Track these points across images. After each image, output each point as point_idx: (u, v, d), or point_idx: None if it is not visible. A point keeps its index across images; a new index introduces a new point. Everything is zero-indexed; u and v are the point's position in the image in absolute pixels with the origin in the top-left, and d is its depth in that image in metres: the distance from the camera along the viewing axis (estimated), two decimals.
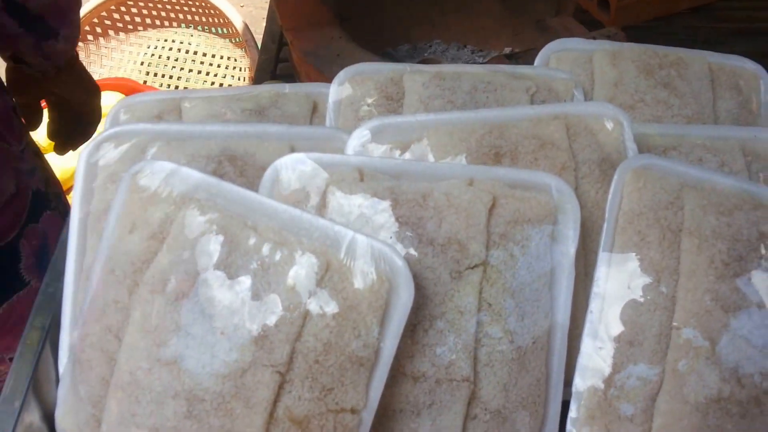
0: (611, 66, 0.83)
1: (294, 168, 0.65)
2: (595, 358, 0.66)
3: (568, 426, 0.66)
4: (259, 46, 1.53)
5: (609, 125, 0.72)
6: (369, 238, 0.59)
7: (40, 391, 0.68)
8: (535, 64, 0.85)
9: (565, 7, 1.32)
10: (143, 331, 0.60)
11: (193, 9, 2.26)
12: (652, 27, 1.57)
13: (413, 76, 0.78)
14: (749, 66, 0.88)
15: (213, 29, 2.30)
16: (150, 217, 0.62)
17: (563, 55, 0.85)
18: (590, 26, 1.30)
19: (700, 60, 0.86)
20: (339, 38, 1.16)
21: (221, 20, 2.22)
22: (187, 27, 2.30)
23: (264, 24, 1.53)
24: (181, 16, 2.25)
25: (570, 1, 1.31)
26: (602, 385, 0.65)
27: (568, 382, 0.68)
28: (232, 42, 2.24)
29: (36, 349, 0.68)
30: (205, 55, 2.23)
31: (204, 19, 2.28)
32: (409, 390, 0.63)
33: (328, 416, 0.58)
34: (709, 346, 0.65)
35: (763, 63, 1.50)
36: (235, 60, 2.23)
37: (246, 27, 2.17)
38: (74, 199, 0.71)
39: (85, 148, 0.71)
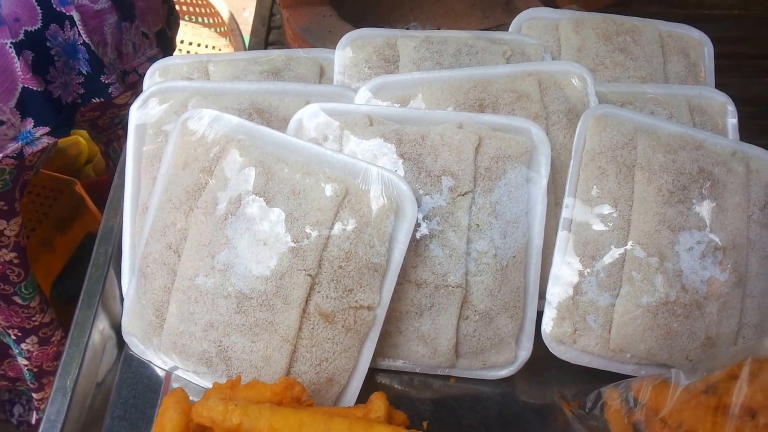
0: (575, 33, 1.02)
1: (314, 116, 0.84)
2: (565, 270, 0.85)
3: (543, 324, 0.85)
4: (247, 33, 1.72)
5: (575, 81, 0.91)
6: (380, 168, 0.77)
7: (108, 306, 0.86)
8: (509, 30, 1.05)
9: None
10: (199, 245, 0.78)
11: (185, 8, 2.45)
12: (608, 11, 1.82)
13: (405, 40, 0.96)
14: (695, 34, 1.07)
15: (199, 19, 2.48)
16: (200, 154, 0.80)
17: (533, 23, 1.04)
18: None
19: (652, 27, 1.05)
20: (330, 16, 1.35)
21: (207, 10, 2.41)
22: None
23: (245, 15, 1.70)
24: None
25: None
26: (571, 291, 0.84)
27: (542, 294, 0.87)
28: (217, 31, 2.42)
29: (102, 272, 0.87)
30: (191, 44, 2.41)
31: (191, 9, 2.46)
32: (414, 294, 0.82)
33: (349, 312, 0.77)
34: (657, 260, 0.84)
35: (717, 47, 1.72)
36: (220, 49, 2.41)
37: (231, 16, 2.35)
38: (128, 146, 0.88)
39: (134, 104, 0.90)
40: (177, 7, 2.43)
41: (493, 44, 0.97)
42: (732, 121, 0.98)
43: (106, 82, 1.20)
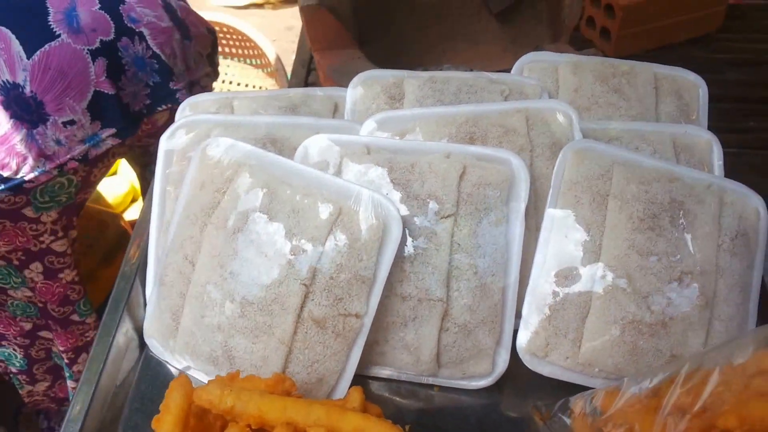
0: (572, 75, 1.14)
1: (318, 145, 0.98)
2: (540, 288, 0.95)
3: (518, 338, 0.95)
4: (289, 73, 1.90)
5: (560, 117, 1.03)
6: (370, 191, 0.90)
7: (133, 311, 1.01)
8: (512, 73, 1.17)
9: (560, 35, 1.64)
10: (210, 256, 0.92)
11: (231, 42, 2.67)
12: (652, 56, 1.74)
13: (411, 80, 1.09)
14: (691, 77, 1.17)
15: (248, 60, 2.71)
16: (215, 176, 0.94)
17: (534, 66, 1.16)
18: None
19: (647, 70, 1.15)
20: (358, 58, 1.49)
21: (255, 52, 2.63)
22: (225, 58, 2.71)
23: (293, 56, 1.88)
24: (219, 48, 2.68)
25: (564, 29, 1.63)
26: (544, 308, 0.94)
27: (519, 314, 0.97)
28: (264, 72, 2.64)
29: (129, 282, 1.02)
30: (239, 84, 2.63)
31: (241, 51, 2.68)
32: (399, 306, 0.93)
33: (339, 318, 0.90)
34: (626, 281, 0.94)
35: (758, 91, 1.81)
36: (267, 88, 2.63)
37: (278, 58, 2.57)
38: (157, 170, 1.03)
39: (164, 134, 1.05)
40: (227, 49, 2.67)
41: (493, 84, 1.10)
42: (717, 157, 1.07)
43: (175, 88, 1.39)
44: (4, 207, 1.25)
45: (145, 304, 1.02)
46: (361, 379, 0.96)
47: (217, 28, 2.64)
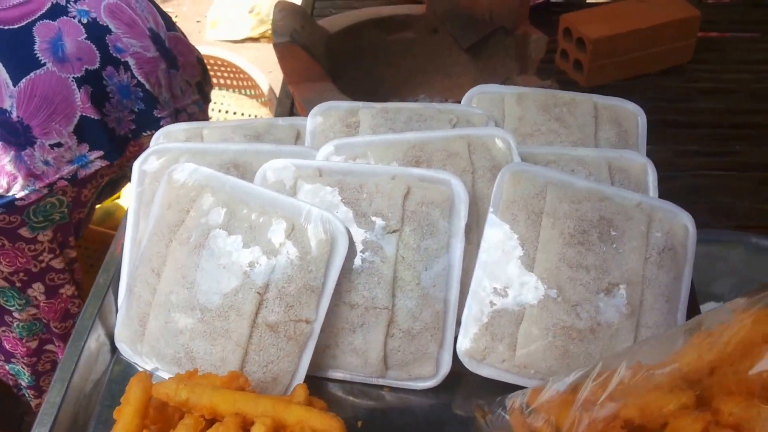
0: (517, 105, 1.24)
1: (275, 168, 1.08)
2: (478, 297, 1.05)
3: (458, 343, 1.05)
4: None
5: (499, 143, 1.13)
6: (320, 209, 1.00)
7: (105, 319, 1.11)
8: (462, 104, 1.27)
9: (528, 68, 1.76)
10: (174, 269, 1.02)
11: (226, 74, 2.83)
12: (625, 86, 1.92)
13: (365, 110, 1.20)
14: (629, 106, 1.28)
15: (243, 91, 2.86)
16: (181, 198, 1.04)
17: (483, 97, 1.27)
18: (564, 85, 1.62)
19: (587, 100, 1.26)
20: (330, 91, 1.61)
21: (249, 83, 2.78)
22: (221, 89, 2.87)
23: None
24: (214, 80, 2.84)
25: (531, 62, 1.75)
26: (482, 316, 1.04)
27: (459, 321, 1.06)
28: (258, 101, 2.78)
29: (102, 292, 1.12)
30: (235, 113, 2.78)
31: (235, 83, 2.83)
32: (347, 314, 1.03)
33: (291, 324, 0.99)
34: (556, 291, 1.03)
35: (728, 118, 1.92)
36: (261, 116, 2.77)
37: (271, 89, 2.72)
38: (132, 192, 1.13)
39: (137, 160, 1.15)
40: (223, 80, 2.82)
41: (441, 113, 1.21)
42: (652, 179, 1.17)
43: (159, 116, 1.50)
44: (0, 224, 1.35)
45: (117, 311, 1.12)
46: (317, 380, 1.06)
47: (212, 61, 2.81)
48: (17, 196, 1.33)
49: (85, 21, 1.39)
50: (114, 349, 1.11)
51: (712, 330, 0.81)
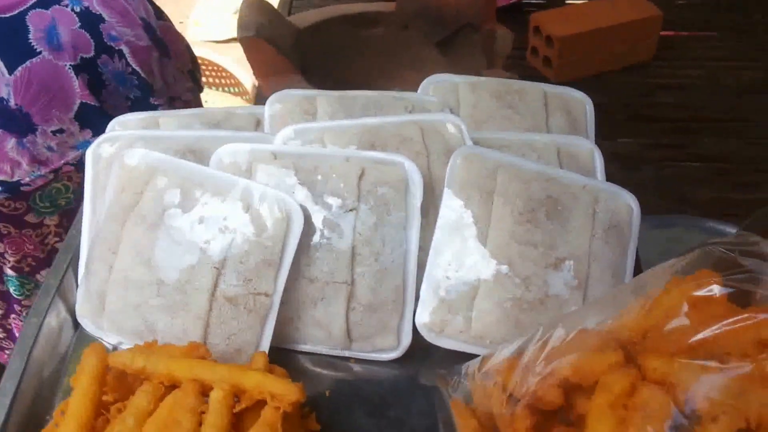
0: (471, 93, 1.28)
1: (230, 152, 1.11)
2: (435, 273, 1.08)
3: (417, 315, 1.09)
4: None
5: (451, 128, 1.17)
6: (273, 190, 1.04)
7: (66, 297, 1.13)
8: (418, 92, 1.30)
9: (495, 62, 1.80)
10: (130, 247, 1.04)
11: (210, 73, 2.88)
12: (592, 82, 1.99)
13: (322, 97, 1.23)
14: (577, 95, 1.33)
15: (226, 89, 2.91)
16: (133, 181, 1.07)
17: (438, 86, 1.31)
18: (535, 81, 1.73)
19: (538, 89, 1.31)
20: (299, 83, 1.65)
21: (232, 81, 2.84)
22: (206, 87, 2.91)
23: None
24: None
25: (498, 57, 1.80)
26: (439, 290, 1.08)
27: (419, 295, 1.10)
28: (243, 99, 2.84)
29: (62, 271, 1.15)
30: None
31: (219, 81, 2.88)
32: (307, 288, 1.06)
33: (250, 297, 1.02)
34: (507, 266, 1.07)
35: (688, 112, 1.99)
36: None
37: (254, 86, 2.77)
38: (86, 178, 1.15)
39: (90, 147, 1.16)
40: (207, 79, 2.87)
41: (397, 101, 1.25)
42: (599, 164, 1.22)
43: (155, 103, 1.51)
44: (5, 211, 1.37)
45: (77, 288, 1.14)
46: (285, 352, 1.09)
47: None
48: (23, 181, 1.35)
49: (78, 10, 1.39)
50: (77, 325, 1.13)
51: (645, 294, 0.85)
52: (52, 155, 1.38)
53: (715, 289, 0.79)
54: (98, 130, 1.36)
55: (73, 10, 1.40)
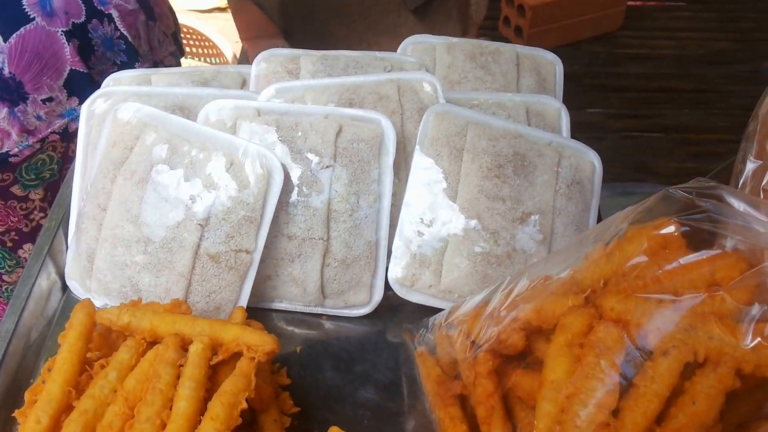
0: (447, 54, 1.23)
1: (216, 108, 1.06)
2: (406, 229, 1.04)
3: (389, 271, 1.05)
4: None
5: (427, 87, 1.12)
6: (257, 146, 0.98)
7: (56, 258, 1.08)
8: (397, 52, 1.25)
9: (468, 30, 1.75)
10: (119, 203, 0.98)
11: (192, 42, 2.79)
12: (560, 51, 2.01)
13: (306, 57, 1.17)
14: (549, 56, 1.27)
15: (208, 59, 2.83)
16: (125, 135, 1.01)
17: (416, 47, 1.25)
18: None
19: (511, 50, 1.25)
20: (282, 47, 1.61)
21: (214, 51, 2.76)
22: (187, 57, 2.84)
23: None
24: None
25: (472, 24, 1.76)
26: (411, 245, 1.03)
27: (391, 252, 1.07)
28: None
29: (52, 232, 1.09)
30: None
31: (201, 51, 2.80)
32: (286, 245, 1.02)
33: (231, 254, 0.98)
34: (477, 221, 1.04)
35: (654, 82, 1.95)
36: None
37: (235, 57, 2.69)
38: (79, 133, 1.09)
39: (85, 102, 1.11)
40: (189, 48, 2.80)
41: (377, 61, 1.19)
42: (565, 122, 1.18)
43: (141, 68, 1.46)
44: None
45: (66, 250, 1.09)
46: (260, 311, 1.05)
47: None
48: (11, 152, 1.30)
49: None
50: (65, 288, 1.08)
51: (605, 241, 0.83)
52: (41, 124, 1.31)
53: (673, 228, 0.76)
54: (84, 97, 1.31)
55: None
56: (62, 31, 1.29)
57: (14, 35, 1.24)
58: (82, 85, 1.34)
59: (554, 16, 2.00)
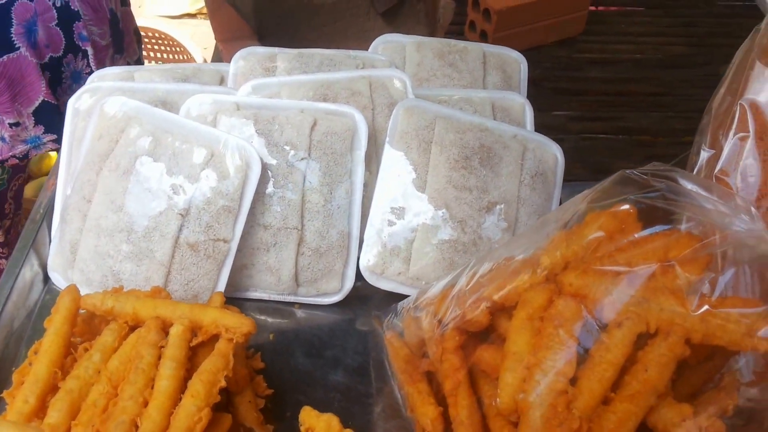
0: (416, 52, 1.26)
1: (197, 103, 1.08)
2: (377, 218, 1.07)
3: (360, 259, 1.08)
4: None
5: (397, 83, 1.15)
6: (236, 138, 1.01)
7: (39, 250, 1.10)
8: (369, 51, 1.28)
9: (435, 34, 1.78)
10: (104, 194, 1.00)
11: (163, 48, 2.79)
12: (524, 55, 2.03)
13: (282, 55, 1.20)
14: (514, 54, 1.31)
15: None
16: (110, 128, 1.03)
17: (387, 46, 1.28)
18: None
19: (478, 49, 1.28)
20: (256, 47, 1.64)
21: (185, 57, 2.77)
22: (156, 62, 2.85)
23: None
24: (152, 54, 2.82)
25: (440, 27, 1.80)
26: (381, 234, 1.07)
27: (362, 241, 1.09)
28: None
29: (37, 225, 1.11)
30: None
31: (172, 57, 2.81)
32: (262, 235, 1.04)
33: (210, 243, 1.00)
34: (445, 210, 1.06)
35: (613, 86, 1.99)
36: None
37: (205, 62, 2.71)
38: (65, 127, 1.11)
39: (71, 98, 1.13)
40: (160, 54, 2.81)
41: (350, 59, 1.22)
42: (529, 117, 1.22)
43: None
44: None
45: (50, 242, 1.11)
46: (235, 301, 1.07)
47: (150, 34, 2.78)
48: None
49: (58, 5, 1.33)
50: (46, 279, 1.10)
51: (564, 222, 0.86)
52: (3, 146, 1.32)
53: (628, 206, 0.80)
54: (51, 127, 1.33)
55: (54, 5, 1.32)
56: (40, 63, 1.31)
57: None
58: (50, 116, 1.36)
59: (519, 20, 2.03)
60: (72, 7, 1.35)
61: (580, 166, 1.13)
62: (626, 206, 0.79)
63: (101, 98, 1.12)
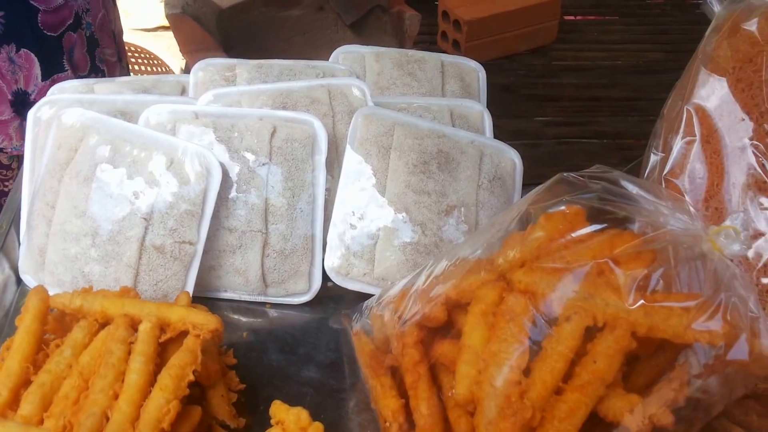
0: (376, 62, 1.36)
1: (156, 112, 1.16)
2: (340, 221, 1.16)
3: (325, 260, 1.16)
4: None
5: (355, 91, 1.24)
6: (195, 146, 1.09)
7: (9, 255, 1.17)
8: (329, 61, 1.38)
9: (404, 44, 1.86)
10: (67, 200, 1.07)
11: (141, 60, 2.91)
12: (498, 63, 2.06)
13: (242, 66, 1.28)
14: (471, 64, 1.42)
15: None
16: (69, 138, 1.10)
17: (347, 55, 1.38)
18: None
19: (436, 59, 1.38)
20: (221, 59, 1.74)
21: (164, 69, 2.88)
22: (135, 74, 2.96)
23: None
24: (135, 67, 2.94)
25: (407, 38, 1.90)
26: (344, 237, 1.15)
27: (326, 243, 1.19)
28: None
29: (4, 231, 1.18)
30: None
31: (150, 69, 2.92)
32: (227, 238, 1.12)
33: (176, 245, 1.07)
34: (405, 214, 1.15)
35: (587, 92, 2.10)
36: None
37: (182, 72, 2.82)
38: (26, 138, 1.18)
39: (31, 110, 1.21)
40: (137, 67, 2.91)
41: (310, 68, 1.30)
42: (488, 124, 1.33)
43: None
44: None
45: (19, 246, 1.18)
46: (207, 300, 1.15)
47: (126, 48, 2.89)
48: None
49: (87, 35, 1.59)
50: (19, 281, 1.17)
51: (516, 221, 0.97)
52: None
53: (564, 206, 0.90)
54: None
55: (85, 35, 1.59)
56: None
57: (49, 79, 1.54)
58: None
59: (490, 30, 2.13)
60: (96, 36, 1.63)
61: (556, 169, 1.21)
62: (560, 207, 0.90)
63: (60, 110, 1.20)
